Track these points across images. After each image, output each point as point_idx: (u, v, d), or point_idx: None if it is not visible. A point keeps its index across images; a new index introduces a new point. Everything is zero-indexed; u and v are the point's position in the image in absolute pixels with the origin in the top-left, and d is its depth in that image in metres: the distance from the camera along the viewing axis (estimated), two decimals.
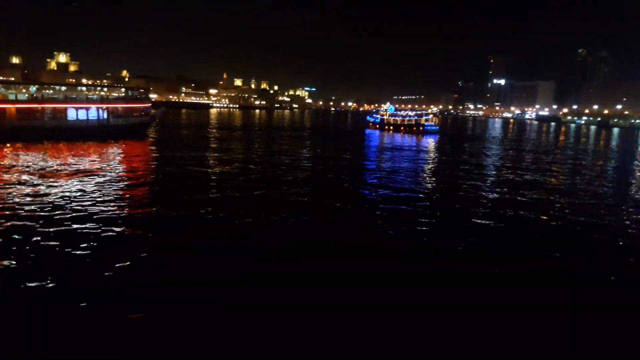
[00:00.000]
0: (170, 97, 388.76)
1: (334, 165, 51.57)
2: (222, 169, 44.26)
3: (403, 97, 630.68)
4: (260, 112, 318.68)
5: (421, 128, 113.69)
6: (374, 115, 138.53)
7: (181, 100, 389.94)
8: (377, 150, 70.77)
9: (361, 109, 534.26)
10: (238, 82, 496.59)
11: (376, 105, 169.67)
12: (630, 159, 75.13)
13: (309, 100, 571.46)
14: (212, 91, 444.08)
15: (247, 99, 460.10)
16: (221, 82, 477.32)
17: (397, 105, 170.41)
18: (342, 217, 26.93)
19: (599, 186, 42.56)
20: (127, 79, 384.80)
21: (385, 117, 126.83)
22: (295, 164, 50.73)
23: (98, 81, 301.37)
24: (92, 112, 67.69)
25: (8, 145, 54.78)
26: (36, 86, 68.67)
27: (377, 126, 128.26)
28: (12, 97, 63.20)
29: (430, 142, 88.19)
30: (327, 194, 33.70)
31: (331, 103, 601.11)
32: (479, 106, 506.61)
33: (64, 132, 63.20)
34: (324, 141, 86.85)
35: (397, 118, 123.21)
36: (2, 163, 42.30)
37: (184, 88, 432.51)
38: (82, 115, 66.71)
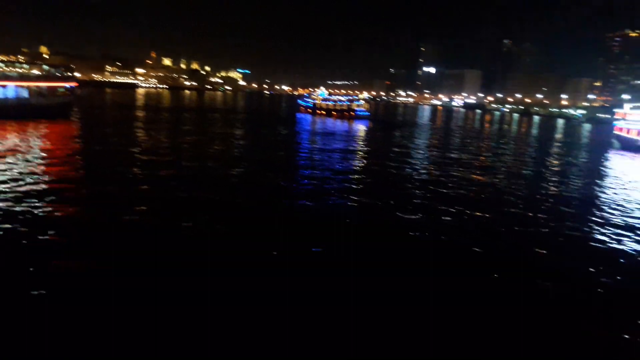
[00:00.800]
0: (94, 76, 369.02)
1: (270, 146, 51.50)
2: (149, 150, 42.86)
3: (337, 82, 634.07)
4: (191, 94, 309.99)
5: (352, 113, 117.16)
6: (306, 99, 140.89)
7: (106, 80, 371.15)
8: (311, 134, 71.50)
9: (295, 92, 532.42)
10: (167, 61, 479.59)
11: (310, 89, 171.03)
12: (547, 144, 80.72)
13: (243, 83, 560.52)
14: (140, 70, 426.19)
15: (177, 79, 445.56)
16: (149, 62, 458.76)
17: (330, 90, 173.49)
18: (280, 198, 27.06)
19: (519, 168, 45.52)
20: (46, 56, 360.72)
21: (317, 101, 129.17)
22: (227, 146, 50.19)
23: (13, 57, 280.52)
24: (10, 90, 62.83)
25: None
26: None
27: (309, 110, 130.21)
28: None
29: (361, 127, 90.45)
30: (261, 175, 33.73)
31: (265, 86, 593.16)
32: (410, 93, 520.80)
33: None
34: (257, 124, 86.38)
35: (329, 103, 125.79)
36: None
37: (109, 67, 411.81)
38: None
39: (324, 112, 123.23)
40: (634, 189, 37.97)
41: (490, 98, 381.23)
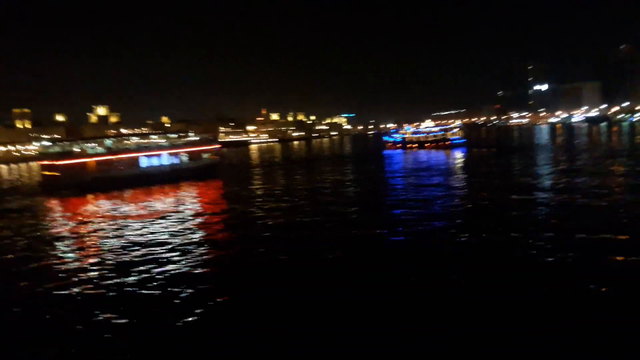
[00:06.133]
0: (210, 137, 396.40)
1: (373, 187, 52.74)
2: (284, 202, 46.09)
3: (443, 113, 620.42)
4: (300, 144, 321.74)
5: (447, 142, 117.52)
6: (392, 135, 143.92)
7: (220, 140, 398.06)
8: (415, 165, 70.92)
9: (400, 129, 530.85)
10: (275, 116, 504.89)
11: (417, 123, 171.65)
12: None
13: (348, 127, 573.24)
14: (250, 128, 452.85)
15: (285, 132, 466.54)
16: (259, 118, 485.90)
17: (437, 122, 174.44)
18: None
19: None
20: (167, 125, 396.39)
21: (406, 135, 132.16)
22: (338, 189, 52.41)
23: (137, 130, 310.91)
24: (164, 158, 70.78)
25: (90, 195, 58.63)
26: (112, 139, 73.36)
27: (398, 145, 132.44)
28: (91, 151, 67.13)
29: (459, 155, 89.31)
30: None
31: (370, 126, 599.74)
32: (523, 114, 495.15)
33: (138, 179, 66.23)
34: (360, 165, 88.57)
35: (420, 135, 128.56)
36: (86, 210, 46.88)
37: (222, 127, 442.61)
38: (154, 162, 70.08)
39: (415, 145, 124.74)
40: None
41: (615, 109, 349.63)
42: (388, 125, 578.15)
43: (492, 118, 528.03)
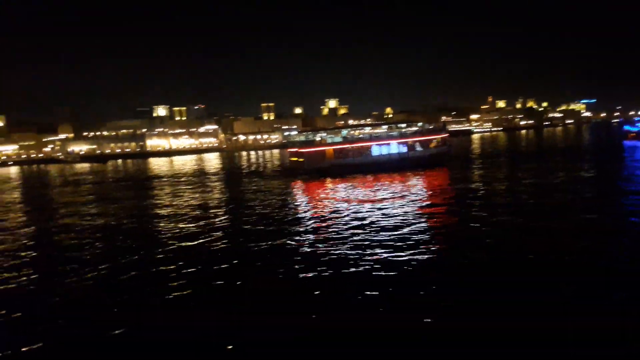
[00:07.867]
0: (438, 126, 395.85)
1: None
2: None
3: None
4: (527, 133, 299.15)
5: None
6: (638, 124, 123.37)
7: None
8: None
9: None
10: (501, 103, 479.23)
11: None
12: None
13: (587, 114, 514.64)
14: (473, 117, 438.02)
15: (511, 120, 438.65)
16: (484, 107, 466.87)
17: None
18: None
19: None
20: (390, 116, 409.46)
21: None
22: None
23: (363, 120, 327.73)
24: (393, 148, 75.01)
25: (328, 178, 66.65)
26: (347, 130, 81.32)
27: None
28: (330, 140, 75.56)
29: None
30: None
31: (616, 114, 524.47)
32: None
33: (369, 167, 72.15)
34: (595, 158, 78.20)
35: None
36: (326, 191, 54.33)
37: (443, 117, 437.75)
38: (384, 151, 75.01)
39: None
40: None
41: None
42: (639, 112, 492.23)
43: None
